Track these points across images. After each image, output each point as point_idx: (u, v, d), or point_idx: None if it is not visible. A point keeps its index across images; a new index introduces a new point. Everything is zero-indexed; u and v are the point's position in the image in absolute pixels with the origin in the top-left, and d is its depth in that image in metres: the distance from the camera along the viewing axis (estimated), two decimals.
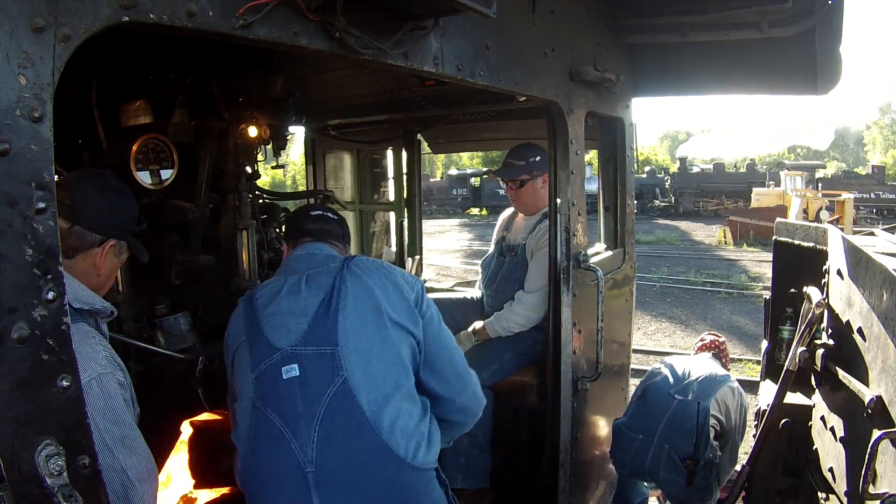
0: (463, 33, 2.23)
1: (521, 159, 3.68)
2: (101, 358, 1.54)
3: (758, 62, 3.44)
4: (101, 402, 1.48)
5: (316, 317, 1.89)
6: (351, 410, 1.79)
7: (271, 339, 1.89)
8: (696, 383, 3.38)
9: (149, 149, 2.79)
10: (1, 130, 1.04)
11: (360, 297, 1.94)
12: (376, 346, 1.89)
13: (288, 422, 1.80)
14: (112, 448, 1.47)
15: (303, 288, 1.99)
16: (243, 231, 3.13)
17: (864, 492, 1.63)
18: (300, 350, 1.85)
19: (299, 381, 1.82)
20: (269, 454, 1.81)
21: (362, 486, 1.78)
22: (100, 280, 1.79)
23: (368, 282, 1.98)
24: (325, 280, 1.99)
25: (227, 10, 1.41)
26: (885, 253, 2.10)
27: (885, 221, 25.11)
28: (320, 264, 2.07)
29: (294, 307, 1.94)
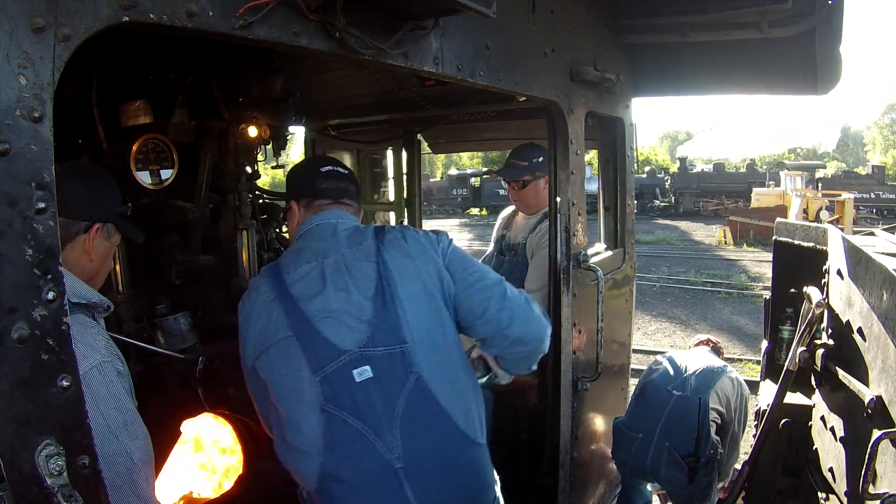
0: (463, 33, 2.23)
1: (524, 160, 3.69)
2: (101, 347, 1.56)
3: (758, 62, 3.44)
4: (104, 389, 1.49)
5: (375, 314, 1.87)
6: (428, 404, 1.84)
7: (334, 340, 1.83)
8: (694, 377, 3.38)
9: (149, 149, 2.79)
10: (1, 130, 1.04)
11: (407, 283, 1.93)
12: (437, 332, 1.92)
13: (369, 423, 1.80)
14: (117, 434, 1.49)
15: (348, 282, 1.91)
16: (243, 231, 3.13)
17: (864, 492, 1.63)
18: (369, 351, 1.84)
19: (374, 382, 1.82)
20: (353, 457, 1.80)
21: (447, 472, 1.85)
22: (93, 266, 1.81)
23: (409, 264, 1.96)
24: (367, 269, 1.93)
25: (227, 10, 1.41)
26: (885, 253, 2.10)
27: (885, 221, 25.10)
28: (351, 243, 1.99)
29: (348, 306, 1.87)
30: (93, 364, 1.49)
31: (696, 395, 3.25)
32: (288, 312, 1.89)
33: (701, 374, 3.40)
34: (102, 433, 1.43)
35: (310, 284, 1.92)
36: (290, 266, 1.98)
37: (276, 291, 1.93)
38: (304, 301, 1.89)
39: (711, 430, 3.22)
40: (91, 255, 1.79)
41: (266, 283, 1.97)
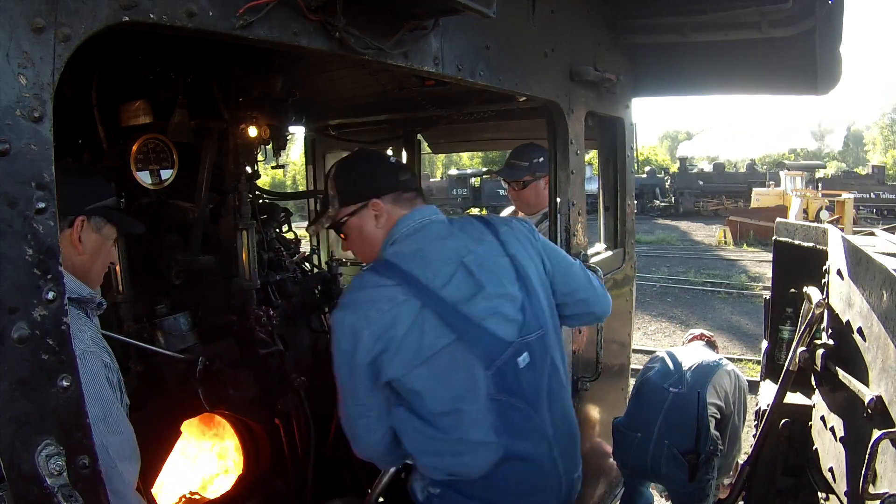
0: (463, 33, 2.23)
1: (525, 160, 3.69)
2: (87, 338, 1.56)
3: (758, 62, 3.44)
4: (83, 378, 1.46)
5: (523, 304, 1.98)
6: (558, 378, 2.07)
7: (500, 334, 1.91)
8: (690, 372, 3.37)
9: (149, 149, 2.79)
10: (1, 130, 1.04)
11: (532, 271, 2.05)
12: (553, 313, 2.11)
13: (531, 403, 1.97)
14: (93, 425, 1.45)
15: (501, 278, 1.97)
16: (243, 231, 3.13)
17: (864, 492, 1.63)
18: (528, 338, 1.97)
19: (530, 365, 1.97)
20: (526, 435, 1.96)
21: (571, 434, 2.12)
22: (84, 260, 1.80)
23: (525, 253, 2.07)
24: (504, 263, 2.01)
25: (227, 10, 1.41)
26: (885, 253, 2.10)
27: (885, 221, 25.11)
28: (475, 240, 2.01)
29: (505, 301, 1.96)
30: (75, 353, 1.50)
31: (693, 390, 3.24)
32: (445, 318, 1.85)
33: (697, 369, 3.39)
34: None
35: (462, 286, 1.90)
36: (424, 270, 1.88)
37: (423, 298, 1.84)
38: (464, 304, 1.88)
39: (711, 425, 3.21)
40: (79, 249, 1.77)
41: (402, 292, 1.83)
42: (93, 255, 1.83)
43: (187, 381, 2.76)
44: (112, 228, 1.90)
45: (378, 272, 1.90)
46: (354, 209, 2.01)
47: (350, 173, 2.08)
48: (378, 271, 1.90)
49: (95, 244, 1.84)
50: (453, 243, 1.97)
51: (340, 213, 2.03)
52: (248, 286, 3.13)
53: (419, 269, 1.88)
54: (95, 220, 1.82)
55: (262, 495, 3.20)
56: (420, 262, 1.89)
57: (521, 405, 1.94)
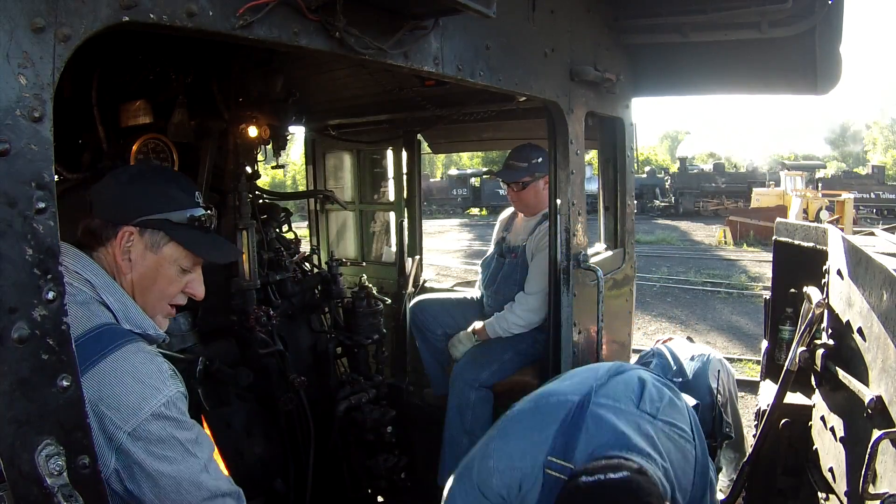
0: (463, 33, 2.23)
1: (523, 161, 3.68)
2: (167, 378, 1.45)
3: (758, 62, 3.44)
4: (178, 420, 1.47)
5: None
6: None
7: None
8: (688, 363, 3.40)
9: (149, 149, 2.79)
10: (1, 130, 1.04)
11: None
12: None
13: None
14: (193, 450, 1.47)
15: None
16: (243, 231, 3.13)
17: (864, 492, 1.63)
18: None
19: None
20: None
21: None
22: (133, 279, 1.53)
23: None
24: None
25: (227, 10, 1.41)
26: (885, 253, 2.10)
27: (885, 221, 25.11)
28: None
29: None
30: (165, 399, 1.42)
31: (698, 378, 3.27)
32: None
33: (694, 359, 3.43)
34: (182, 455, 1.44)
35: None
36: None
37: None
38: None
39: (723, 411, 3.25)
40: (123, 267, 1.51)
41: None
42: (144, 278, 1.54)
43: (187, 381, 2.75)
44: (178, 249, 1.56)
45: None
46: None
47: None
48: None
49: (150, 265, 1.54)
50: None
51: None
52: (248, 286, 3.13)
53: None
54: (151, 235, 1.53)
55: (262, 495, 3.20)
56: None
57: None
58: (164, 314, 1.63)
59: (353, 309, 3.76)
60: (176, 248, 1.56)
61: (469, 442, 3.51)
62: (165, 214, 1.54)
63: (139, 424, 1.35)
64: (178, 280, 1.60)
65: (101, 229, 1.52)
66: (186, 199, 1.60)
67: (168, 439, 1.41)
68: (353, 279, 4.35)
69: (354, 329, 3.75)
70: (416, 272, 4.74)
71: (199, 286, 1.66)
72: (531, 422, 2.03)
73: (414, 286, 4.67)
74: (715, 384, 3.32)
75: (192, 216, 1.59)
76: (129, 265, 1.52)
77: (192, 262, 1.61)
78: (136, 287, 1.54)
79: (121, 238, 1.50)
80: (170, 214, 1.55)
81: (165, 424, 1.41)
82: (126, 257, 1.52)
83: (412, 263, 4.73)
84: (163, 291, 1.59)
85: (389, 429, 3.63)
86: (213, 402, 2.84)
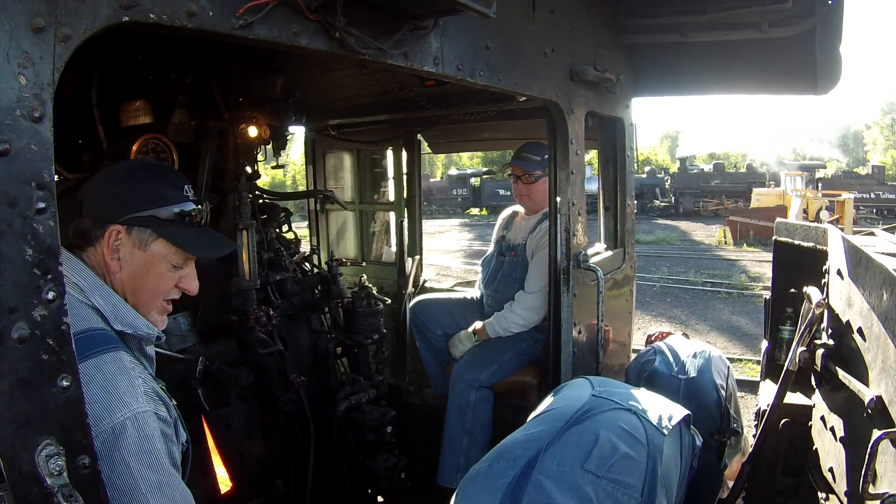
0: (463, 33, 2.23)
1: (538, 155, 3.69)
2: (140, 395, 1.36)
3: (758, 62, 3.44)
4: (136, 444, 1.33)
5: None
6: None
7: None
8: (691, 359, 3.39)
9: (149, 149, 2.79)
10: (1, 130, 1.04)
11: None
12: None
13: None
14: (148, 496, 1.33)
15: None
16: (243, 231, 3.13)
17: (864, 492, 1.63)
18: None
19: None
20: None
21: None
22: (122, 278, 1.51)
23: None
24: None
25: (227, 10, 1.41)
26: (885, 253, 2.10)
27: (885, 221, 25.11)
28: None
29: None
30: (126, 415, 1.32)
31: (703, 374, 3.27)
32: None
33: (695, 355, 3.42)
34: (130, 492, 1.30)
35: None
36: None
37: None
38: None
39: (730, 406, 3.24)
40: (112, 266, 1.49)
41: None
42: (135, 276, 1.52)
43: (187, 381, 2.76)
44: (167, 246, 1.54)
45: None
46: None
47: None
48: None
49: (140, 263, 1.52)
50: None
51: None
52: (248, 286, 3.13)
53: None
54: (139, 233, 1.51)
55: (262, 495, 3.20)
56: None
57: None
58: (159, 311, 1.60)
59: (353, 309, 3.76)
60: (165, 245, 1.54)
61: (469, 442, 3.51)
62: (152, 211, 1.52)
63: (95, 436, 1.22)
64: (170, 277, 1.58)
65: (90, 229, 1.50)
66: (175, 195, 1.57)
67: (119, 463, 1.29)
68: (353, 279, 4.35)
69: (354, 329, 3.75)
70: (416, 272, 4.74)
71: (192, 282, 1.64)
72: (483, 485, 2.07)
73: (414, 286, 4.67)
74: (720, 381, 3.32)
75: (180, 212, 1.57)
76: (119, 264, 1.51)
77: (184, 259, 1.59)
78: (127, 286, 1.52)
79: (108, 237, 1.49)
80: (157, 211, 1.53)
81: (121, 445, 1.30)
82: (115, 256, 1.50)
83: (412, 263, 4.73)
84: (154, 289, 1.56)
85: (389, 429, 3.63)
86: (213, 402, 2.84)
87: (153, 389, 1.44)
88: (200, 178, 3.01)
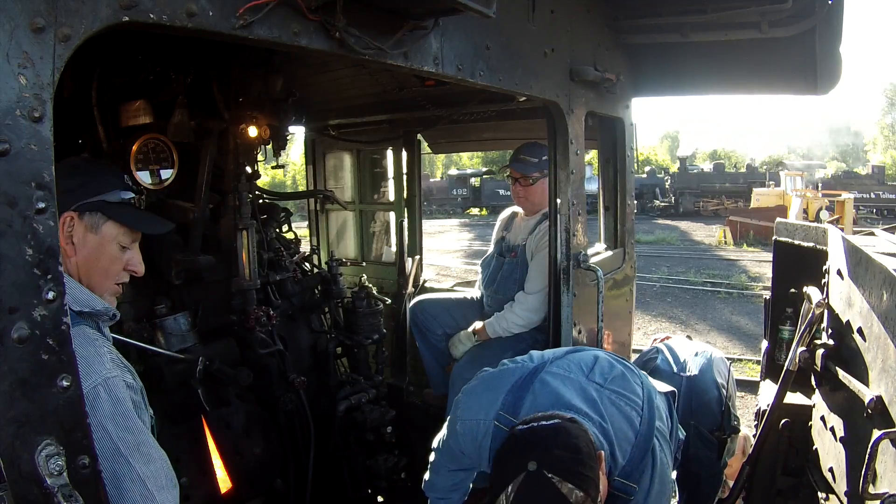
0: (463, 33, 2.23)
1: (535, 156, 3.67)
2: (107, 361, 1.43)
3: (758, 62, 3.44)
4: (110, 408, 1.38)
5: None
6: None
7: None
8: (692, 358, 3.40)
9: (149, 149, 2.79)
10: (1, 130, 1.04)
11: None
12: None
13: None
14: (128, 457, 1.37)
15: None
16: (243, 231, 3.13)
17: (864, 492, 1.63)
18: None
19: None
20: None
21: None
22: (78, 261, 1.59)
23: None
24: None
25: (227, 10, 1.41)
26: (885, 253, 2.10)
27: (885, 221, 25.11)
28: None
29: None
30: (97, 381, 1.37)
31: (705, 373, 3.28)
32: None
33: (697, 355, 3.43)
34: (112, 456, 1.35)
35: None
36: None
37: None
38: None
39: (730, 403, 3.26)
40: (67, 251, 1.56)
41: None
42: (88, 259, 1.61)
43: (187, 381, 2.76)
44: (116, 227, 1.64)
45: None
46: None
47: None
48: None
49: (93, 245, 1.61)
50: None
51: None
52: (248, 286, 3.13)
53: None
54: (90, 217, 1.60)
55: (262, 495, 3.20)
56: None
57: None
58: (111, 293, 1.69)
59: (353, 309, 3.76)
60: (114, 226, 1.64)
61: None
62: (101, 196, 1.63)
63: None
64: (120, 258, 1.68)
65: None
66: (118, 183, 1.69)
67: (97, 429, 1.32)
68: (353, 279, 4.35)
69: (354, 329, 3.75)
70: (416, 272, 4.74)
71: (139, 263, 1.75)
72: (491, 382, 2.31)
73: (414, 286, 4.67)
74: (720, 379, 3.33)
75: (124, 198, 1.69)
76: (73, 249, 1.58)
77: (131, 239, 1.70)
78: (82, 269, 1.61)
79: (62, 224, 1.54)
80: (105, 196, 1.63)
81: (97, 410, 1.34)
82: (69, 241, 1.58)
83: (412, 263, 4.73)
84: (107, 270, 1.65)
85: (389, 429, 3.63)
86: (213, 402, 2.84)
87: (118, 357, 1.51)
88: (200, 178, 3.01)
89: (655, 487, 2.00)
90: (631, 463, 2.01)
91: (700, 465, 3.32)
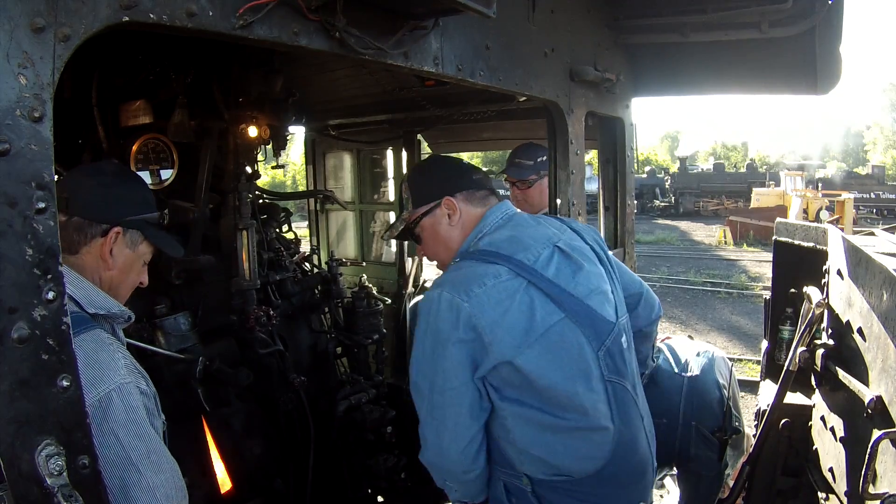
0: (463, 33, 2.23)
1: (530, 159, 3.67)
2: (121, 367, 1.43)
3: (758, 62, 3.44)
4: (123, 415, 1.38)
5: (613, 287, 2.02)
6: (631, 361, 2.04)
7: (604, 314, 1.90)
8: (695, 357, 3.40)
9: (149, 149, 2.79)
10: (1, 130, 1.04)
11: (606, 260, 2.10)
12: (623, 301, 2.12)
13: (631, 383, 1.97)
14: (139, 465, 1.37)
15: (593, 260, 2.01)
16: (243, 231, 3.13)
17: (864, 492, 1.63)
18: (622, 320, 1.99)
19: (629, 347, 2.01)
20: (631, 415, 1.95)
21: (650, 421, 2.12)
22: (112, 275, 1.65)
23: (597, 245, 2.12)
24: (587, 250, 2.04)
25: (227, 10, 1.41)
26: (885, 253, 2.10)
27: (885, 221, 25.12)
28: (561, 228, 2.07)
29: (602, 282, 1.97)
30: (110, 387, 1.38)
31: (706, 373, 3.27)
32: (553, 295, 1.82)
33: (699, 355, 3.42)
34: (122, 464, 1.35)
35: (562, 266, 1.89)
36: (525, 252, 1.87)
37: (528, 276, 1.81)
38: (567, 282, 1.86)
39: (732, 404, 3.25)
40: (109, 263, 1.63)
41: (506, 270, 1.81)
42: (121, 272, 1.68)
43: (187, 381, 2.76)
44: (148, 247, 1.74)
45: (476, 258, 1.88)
46: (427, 209, 2.03)
47: (423, 175, 2.18)
48: (476, 257, 1.88)
49: (127, 261, 1.68)
50: (543, 230, 1.99)
51: (414, 214, 2.05)
52: (248, 286, 3.13)
53: (519, 252, 1.86)
54: (131, 235, 1.67)
55: (262, 495, 3.20)
56: (518, 246, 1.88)
57: (627, 386, 1.93)
58: (123, 301, 1.75)
59: (353, 309, 3.76)
60: (147, 247, 1.74)
61: None
62: (144, 216, 1.71)
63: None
64: (143, 272, 1.79)
65: (84, 227, 1.61)
66: (152, 201, 1.77)
67: (108, 435, 1.34)
68: (353, 279, 4.35)
69: (354, 329, 3.75)
70: (416, 272, 4.74)
71: (147, 276, 1.86)
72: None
73: (414, 286, 4.68)
74: (722, 379, 3.33)
75: (159, 216, 1.78)
76: (112, 261, 1.65)
77: (152, 256, 1.81)
78: (115, 280, 1.68)
79: (111, 237, 1.62)
80: (146, 216, 1.72)
81: (109, 416, 1.35)
82: (109, 254, 1.64)
83: (412, 263, 4.73)
84: (133, 283, 1.77)
85: (389, 429, 3.63)
86: (213, 402, 2.84)
87: (133, 363, 1.52)
88: (200, 178, 3.01)
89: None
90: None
91: (700, 466, 3.31)
